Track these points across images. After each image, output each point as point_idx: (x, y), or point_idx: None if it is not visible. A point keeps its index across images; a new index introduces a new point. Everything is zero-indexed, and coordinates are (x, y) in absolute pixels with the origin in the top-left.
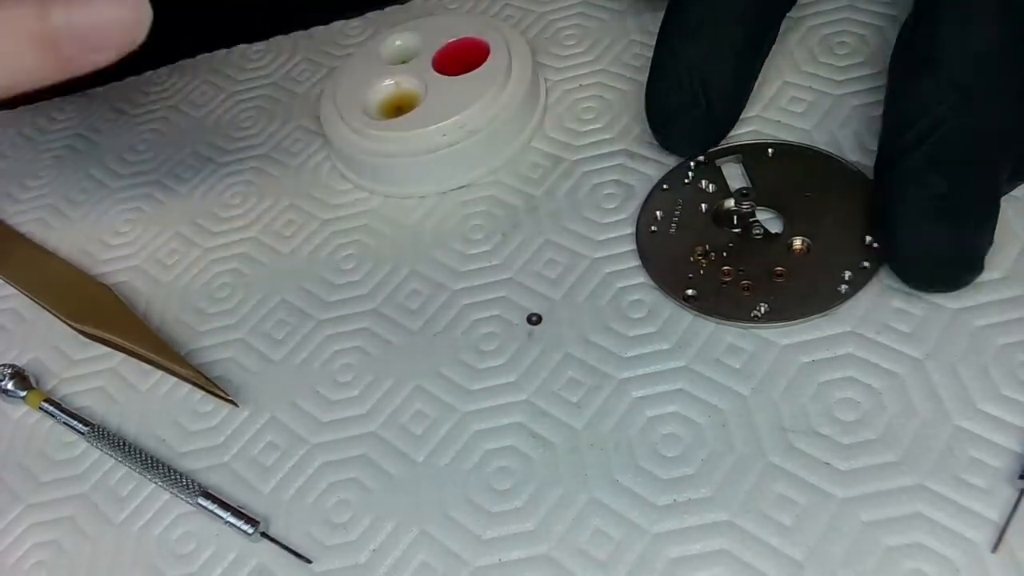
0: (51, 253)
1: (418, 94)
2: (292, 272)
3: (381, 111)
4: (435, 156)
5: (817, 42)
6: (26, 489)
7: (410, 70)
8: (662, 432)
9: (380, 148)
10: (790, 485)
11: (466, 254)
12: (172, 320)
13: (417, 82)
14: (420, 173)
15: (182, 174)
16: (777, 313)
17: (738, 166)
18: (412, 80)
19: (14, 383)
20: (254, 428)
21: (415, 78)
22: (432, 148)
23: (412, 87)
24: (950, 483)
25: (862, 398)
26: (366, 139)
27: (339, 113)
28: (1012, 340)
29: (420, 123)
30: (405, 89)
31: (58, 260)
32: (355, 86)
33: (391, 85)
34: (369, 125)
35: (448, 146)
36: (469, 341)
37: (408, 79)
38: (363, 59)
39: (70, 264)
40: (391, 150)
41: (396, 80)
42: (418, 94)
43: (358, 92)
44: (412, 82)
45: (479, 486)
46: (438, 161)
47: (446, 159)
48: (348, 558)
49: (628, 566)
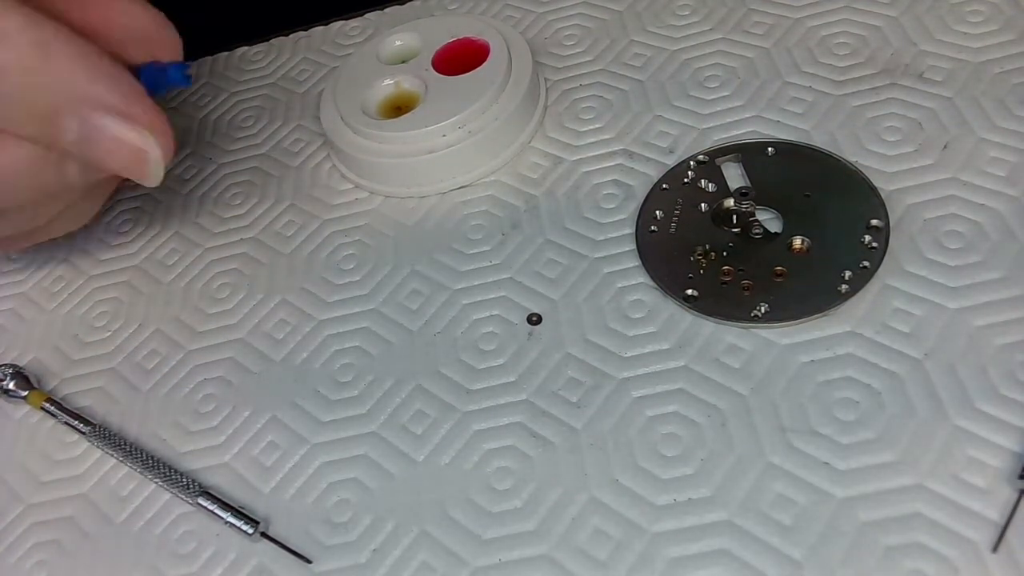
0: None
1: (418, 94)
2: (292, 272)
3: (381, 111)
4: (435, 156)
5: (817, 42)
6: (27, 489)
7: (410, 70)
8: (662, 432)
9: (380, 148)
10: (789, 485)
11: (466, 254)
12: (172, 320)
13: (417, 82)
14: (420, 173)
15: (183, 175)
16: (777, 313)
17: (738, 166)
18: (412, 80)
19: (15, 383)
20: (254, 428)
21: (415, 78)
22: (432, 148)
23: (412, 87)
24: (949, 483)
25: (861, 398)
26: (366, 139)
27: (339, 113)
28: (1011, 340)
29: (420, 123)
30: (405, 89)
31: None
32: (355, 86)
33: (391, 85)
34: (369, 125)
35: (448, 146)
36: (469, 341)
37: (408, 79)
38: (363, 59)
39: None
40: (391, 150)
41: (396, 80)
42: (418, 94)
43: (358, 92)
44: (412, 82)
45: (479, 486)
46: (438, 161)
47: (446, 159)
48: (348, 558)
49: (628, 566)
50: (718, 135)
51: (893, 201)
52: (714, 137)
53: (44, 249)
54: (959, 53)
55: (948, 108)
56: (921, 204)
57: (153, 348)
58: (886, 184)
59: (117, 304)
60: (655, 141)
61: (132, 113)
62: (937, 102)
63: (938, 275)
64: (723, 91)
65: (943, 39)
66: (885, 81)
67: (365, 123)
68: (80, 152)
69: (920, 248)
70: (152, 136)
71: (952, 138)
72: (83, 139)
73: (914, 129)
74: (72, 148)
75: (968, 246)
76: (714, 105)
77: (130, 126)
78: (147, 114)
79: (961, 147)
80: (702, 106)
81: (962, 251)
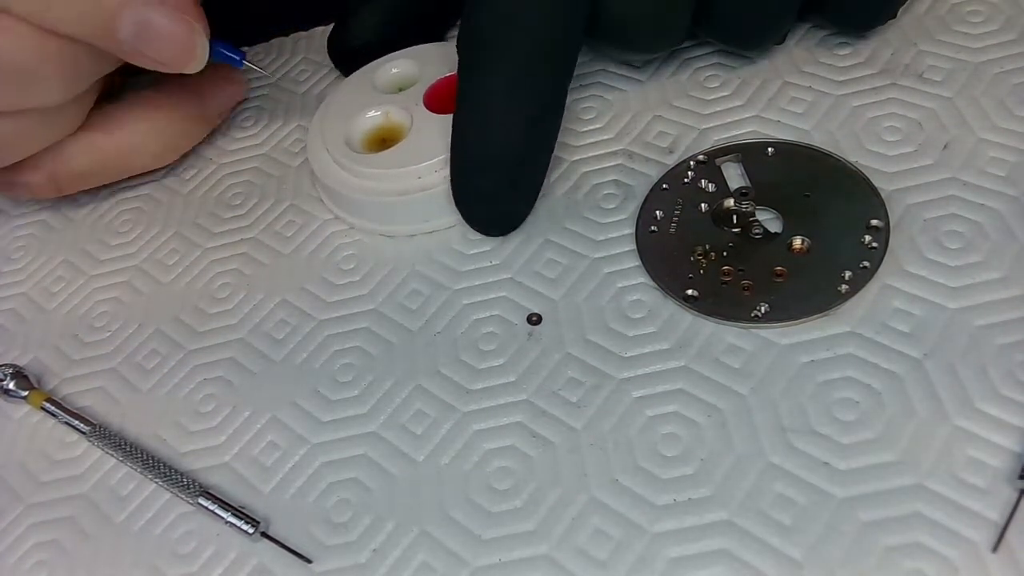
0: None
1: (404, 127)
2: (292, 272)
3: (365, 143)
4: (412, 198)
5: (817, 42)
6: (27, 489)
7: (401, 101)
8: (662, 432)
9: (359, 184)
10: (789, 485)
11: (466, 254)
12: (172, 320)
13: (405, 114)
14: (398, 212)
15: (183, 175)
16: (777, 313)
17: (738, 166)
18: (400, 112)
19: (16, 383)
20: (254, 428)
21: (404, 110)
22: (407, 190)
23: (400, 119)
24: (949, 483)
25: (861, 398)
26: (344, 171)
27: (323, 141)
28: (1011, 340)
29: (400, 161)
30: (393, 121)
31: None
32: (344, 113)
33: (378, 116)
34: (348, 157)
35: (422, 190)
36: (469, 341)
37: (397, 110)
38: (357, 84)
39: None
40: (369, 187)
41: (386, 111)
42: (404, 127)
43: (345, 120)
44: (400, 114)
45: (479, 486)
46: (416, 202)
47: (423, 201)
48: (348, 558)
49: (628, 566)
50: (718, 135)
51: (893, 201)
52: (714, 137)
53: (44, 249)
54: (959, 53)
55: (948, 108)
56: (921, 204)
57: (153, 348)
58: (886, 184)
59: (117, 304)
60: (655, 141)
61: (180, 6)
62: (937, 102)
63: (938, 275)
64: (723, 91)
65: (943, 39)
66: (885, 81)
67: (344, 154)
68: (132, 47)
69: (920, 248)
70: (199, 27)
71: (952, 138)
72: (137, 34)
73: (914, 129)
74: (124, 43)
75: (968, 246)
76: (714, 105)
77: (179, 19)
78: (193, 8)
79: (961, 147)
80: (702, 106)
81: (962, 251)
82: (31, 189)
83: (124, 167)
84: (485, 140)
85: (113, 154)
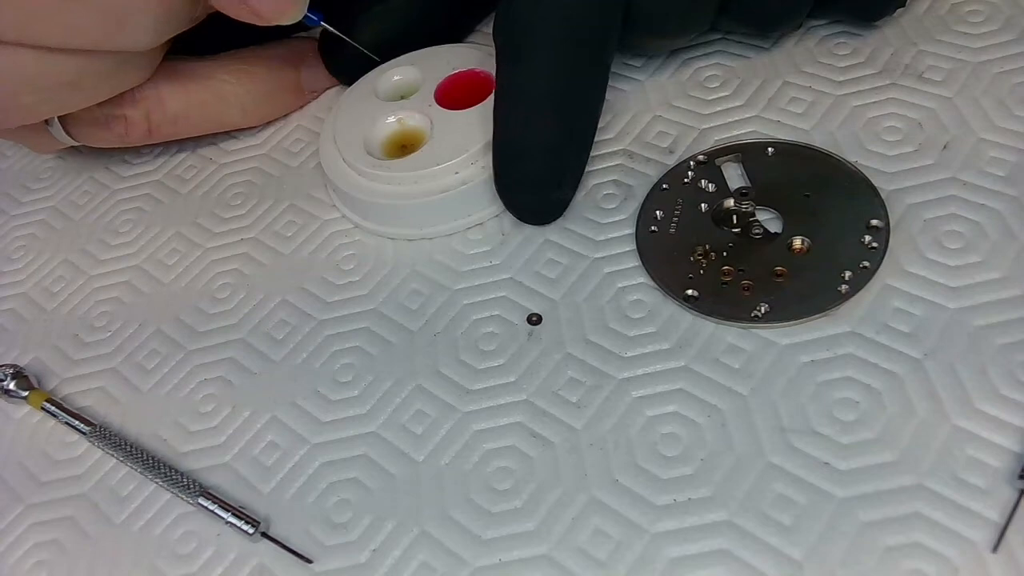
0: None
1: (423, 130)
2: (293, 272)
3: (385, 150)
4: (449, 195)
5: (817, 42)
6: (27, 489)
7: (412, 106)
8: (662, 432)
9: (392, 190)
10: (789, 485)
11: (466, 254)
12: (172, 320)
13: (421, 118)
14: (433, 213)
15: (183, 175)
16: (777, 313)
17: (738, 166)
18: (416, 116)
19: (16, 383)
20: (254, 428)
21: (419, 113)
22: (446, 187)
23: (416, 123)
24: (949, 483)
25: (861, 398)
26: (374, 181)
27: (340, 155)
28: (1011, 340)
29: (434, 160)
30: (409, 126)
31: None
32: (355, 125)
33: (393, 123)
34: (375, 166)
35: (463, 184)
36: (469, 341)
37: (411, 115)
38: (360, 97)
39: None
40: (404, 191)
41: (399, 117)
42: (423, 130)
43: (359, 132)
44: (416, 118)
45: (479, 486)
46: (452, 200)
47: (460, 197)
48: (348, 558)
49: (628, 566)
50: (718, 135)
51: (893, 201)
52: (714, 137)
53: (45, 249)
54: (959, 53)
55: (948, 108)
56: (921, 204)
57: (153, 348)
58: (886, 184)
59: (117, 304)
60: (655, 141)
61: None
62: (937, 102)
63: (938, 275)
64: (723, 91)
65: (943, 39)
66: (885, 81)
67: (371, 164)
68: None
69: (920, 248)
70: None
71: (952, 138)
72: None
73: (914, 129)
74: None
75: (968, 246)
76: (714, 105)
77: None
78: None
79: (961, 147)
80: (702, 106)
81: (962, 251)
82: (127, 125)
83: (214, 117)
84: (528, 128)
85: (206, 100)
